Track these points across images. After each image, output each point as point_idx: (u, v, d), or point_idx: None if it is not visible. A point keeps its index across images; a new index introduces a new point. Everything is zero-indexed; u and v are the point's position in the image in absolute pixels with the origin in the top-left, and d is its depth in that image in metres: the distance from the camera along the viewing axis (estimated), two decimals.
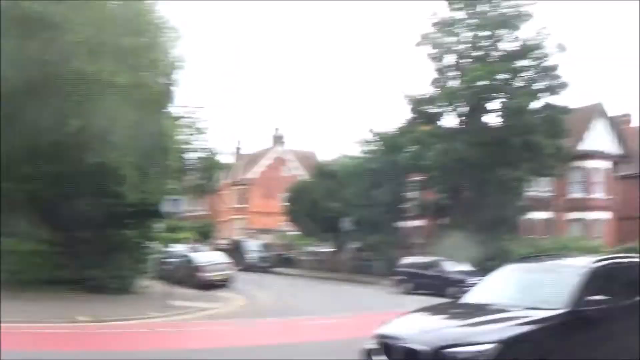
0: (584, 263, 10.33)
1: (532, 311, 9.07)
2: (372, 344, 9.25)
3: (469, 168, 37.85)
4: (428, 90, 42.34)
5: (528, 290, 10.13)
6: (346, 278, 42.64)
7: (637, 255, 13.10)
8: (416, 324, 9.40)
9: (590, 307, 9.20)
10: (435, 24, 41.98)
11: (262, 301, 28.68)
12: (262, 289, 33.90)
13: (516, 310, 9.20)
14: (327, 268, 49.05)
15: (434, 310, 10.57)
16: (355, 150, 48.80)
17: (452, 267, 33.01)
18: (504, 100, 40.03)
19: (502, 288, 10.52)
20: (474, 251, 35.34)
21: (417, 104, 41.85)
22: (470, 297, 10.69)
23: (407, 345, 8.61)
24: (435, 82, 42.31)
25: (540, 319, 8.85)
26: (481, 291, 10.83)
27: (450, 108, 41.44)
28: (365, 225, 44.21)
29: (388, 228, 46.29)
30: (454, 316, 9.86)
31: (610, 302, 9.50)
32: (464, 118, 41.65)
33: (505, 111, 39.93)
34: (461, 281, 28.60)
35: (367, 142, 47.60)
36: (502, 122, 40.57)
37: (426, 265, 34.06)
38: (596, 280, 9.75)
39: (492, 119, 41.55)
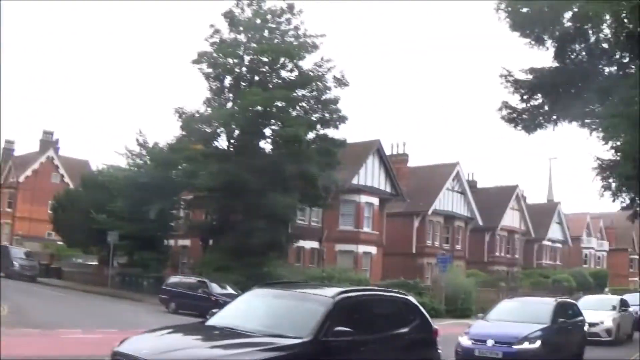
0: (331, 293, 10.27)
1: (275, 338, 9.02)
2: None
3: (240, 191, 37.50)
4: (202, 108, 41.52)
5: (272, 316, 10.11)
6: (112, 293, 41.44)
7: (395, 290, 13.53)
8: (153, 343, 9.15)
9: (334, 337, 9.27)
10: (213, 44, 41.21)
11: (26, 311, 27.77)
12: (26, 299, 32.76)
13: (258, 336, 9.14)
14: (93, 281, 47.49)
15: (175, 330, 10.17)
16: (124, 162, 46.89)
17: (219, 289, 32.93)
18: (279, 127, 40.08)
19: (247, 313, 10.46)
20: (240, 274, 35.74)
21: (190, 121, 40.73)
22: (216, 319, 10.52)
23: None
24: (209, 102, 41.67)
25: (281, 346, 8.79)
26: (227, 314, 10.69)
27: (223, 129, 40.97)
28: (134, 241, 43.14)
29: (157, 245, 45.51)
30: (194, 338, 9.60)
31: (356, 334, 9.64)
32: (235, 141, 41.37)
33: (280, 138, 39.96)
34: (228, 303, 28.95)
35: (135, 154, 45.88)
36: (277, 149, 40.63)
37: (193, 286, 33.67)
38: (342, 311, 9.82)
39: (267, 145, 41.68)
